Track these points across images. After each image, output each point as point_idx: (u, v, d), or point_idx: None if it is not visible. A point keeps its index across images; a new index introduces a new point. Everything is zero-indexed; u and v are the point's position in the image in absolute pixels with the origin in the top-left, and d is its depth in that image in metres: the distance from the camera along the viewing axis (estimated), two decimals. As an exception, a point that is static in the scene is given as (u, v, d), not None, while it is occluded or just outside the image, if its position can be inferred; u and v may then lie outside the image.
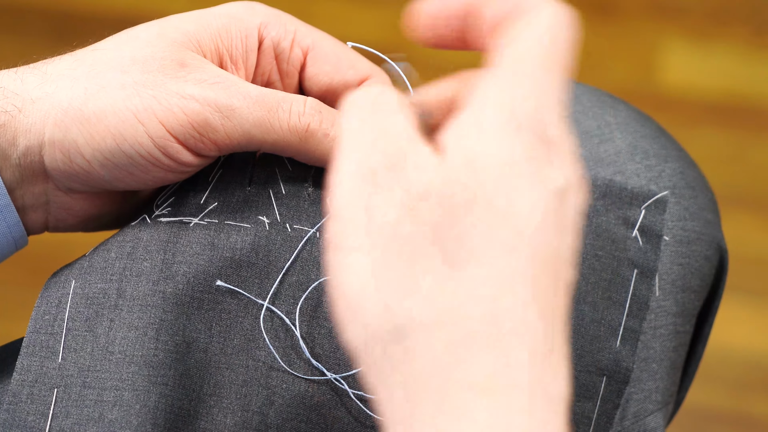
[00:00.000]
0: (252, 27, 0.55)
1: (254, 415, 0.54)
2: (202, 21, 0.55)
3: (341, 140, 0.41)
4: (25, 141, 0.53)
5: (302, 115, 0.53)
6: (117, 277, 0.55)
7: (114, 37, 0.55)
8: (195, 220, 0.56)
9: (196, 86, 0.52)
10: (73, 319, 0.55)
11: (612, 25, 1.65)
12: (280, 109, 0.53)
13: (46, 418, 0.54)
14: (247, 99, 0.53)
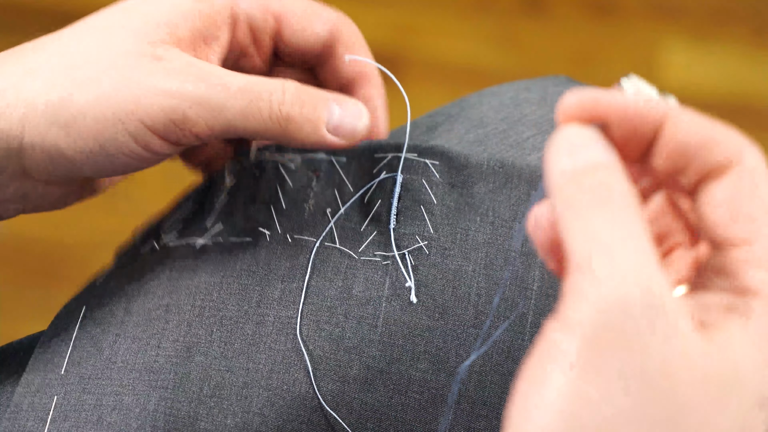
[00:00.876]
0: (221, 3, 0.55)
1: (255, 416, 0.54)
2: (169, 5, 0.54)
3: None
4: (3, 144, 0.52)
5: (282, 104, 0.53)
6: (125, 299, 0.57)
7: (81, 28, 0.53)
8: (200, 240, 0.58)
9: (173, 80, 0.51)
10: (80, 338, 0.56)
11: (612, 25, 1.65)
12: (260, 99, 0.52)
13: (45, 423, 0.54)
14: (226, 90, 0.52)
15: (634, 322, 0.33)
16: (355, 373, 0.55)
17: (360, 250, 0.56)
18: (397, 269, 0.56)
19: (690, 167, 0.38)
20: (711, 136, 0.38)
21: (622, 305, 0.34)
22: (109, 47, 0.52)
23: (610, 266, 0.34)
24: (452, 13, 1.64)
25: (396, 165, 0.57)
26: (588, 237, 0.35)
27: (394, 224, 0.57)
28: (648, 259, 0.34)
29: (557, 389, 0.34)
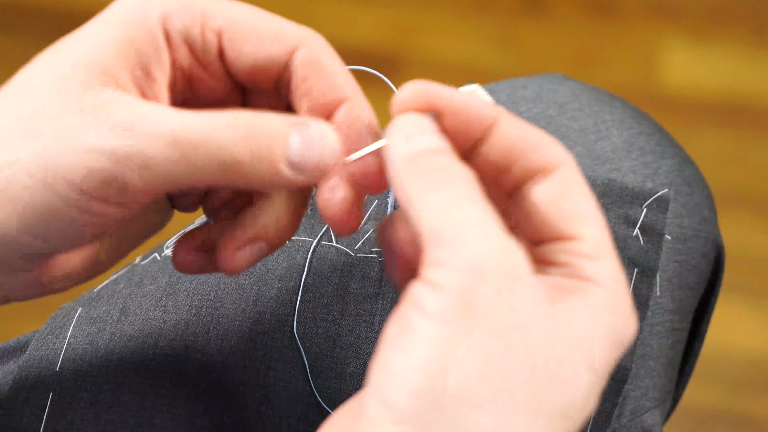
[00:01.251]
0: (154, 26, 0.46)
1: (252, 413, 0.55)
2: (100, 43, 0.46)
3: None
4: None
5: (232, 146, 0.44)
6: (122, 300, 0.57)
7: (10, 86, 0.45)
8: None
9: (99, 137, 0.43)
10: (75, 336, 0.56)
11: (612, 25, 1.65)
12: (199, 146, 0.44)
13: (41, 420, 0.54)
14: (162, 141, 0.43)
15: (494, 284, 0.37)
16: (351, 370, 0.55)
17: (356, 247, 0.57)
18: None
19: (515, 167, 0.42)
20: (537, 140, 0.42)
21: (483, 268, 0.37)
22: (38, 105, 0.44)
23: (465, 235, 0.37)
24: (452, 13, 1.64)
25: None
26: (437, 213, 0.38)
27: None
28: (496, 228, 0.38)
29: (424, 347, 0.37)
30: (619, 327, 0.39)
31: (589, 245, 0.40)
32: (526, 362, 0.37)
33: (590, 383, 0.38)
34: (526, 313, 0.37)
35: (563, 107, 0.62)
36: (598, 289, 0.40)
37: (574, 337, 0.38)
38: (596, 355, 0.38)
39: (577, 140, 0.61)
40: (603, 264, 0.40)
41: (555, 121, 0.62)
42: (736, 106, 1.59)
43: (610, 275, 0.40)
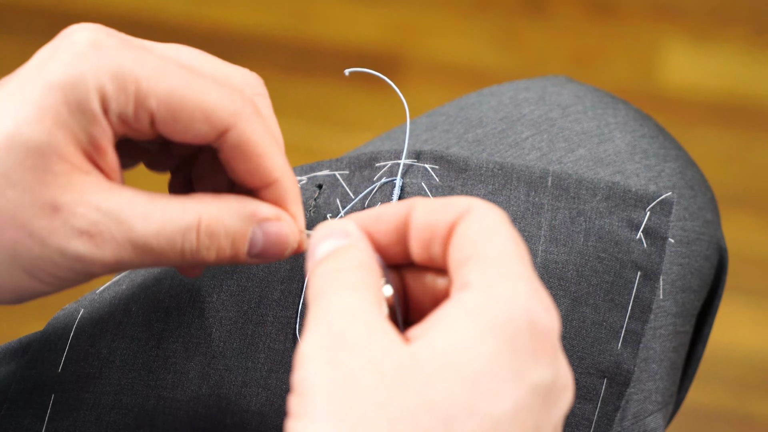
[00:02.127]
0: (95, 107, 0.46)
1: (254, 415, 0.54)
2: (50, 122, 0.46)
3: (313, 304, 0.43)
4: None
5: (196, 253, 0.48)
6: (125, 302, 0.57)
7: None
8: None
9: (77, 241, 0.46)
10: (77, 337, 0.56)
11: (612, 25, 1.65)
12: (171, 252, 0.47)
13: (43, 421, 0.54)
14: (135, 250, 0.47)
15: (346, 344, 0.41)
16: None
17: None
18: None
19: (435, 237, 0.45)
20: (443, 203, 0.45)
21: (330, 326, 0.41)
22: (4, 200, 0.46)
23: (332, 309, 0.42)
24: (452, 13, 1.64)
25: (396, 171, 0.58)
26: (320, 300, 0.43)
27: None
28: (363, 304, 0.42)
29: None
30: (502, 315, 0.40)
31: (467, 256, 0.43)
32: (379, 399, 0.39)
33: (460, 395, 0.39)
34: (380, 361, 0.40)
35: (566, 109, 0.62)
36: (471, 293, 0.41)
37: (431, 360, 0.40)
38: (464, 364, 0.40)
39: (580, 143, 0.61)
40: (483, 266, 0.42)
41: (558, 124, 0.62)
42: (736, 106, 1.59)
43: (487, 272, 0.42)
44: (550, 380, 0.41)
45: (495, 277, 0.42)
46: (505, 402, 0.40)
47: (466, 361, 0.40)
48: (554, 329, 0.41)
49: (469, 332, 0.40)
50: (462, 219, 0.44)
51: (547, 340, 0.41)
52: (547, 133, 0.61)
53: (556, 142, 0.61)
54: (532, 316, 0.41)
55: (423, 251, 0.45)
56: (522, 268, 0.42)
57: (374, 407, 0.39)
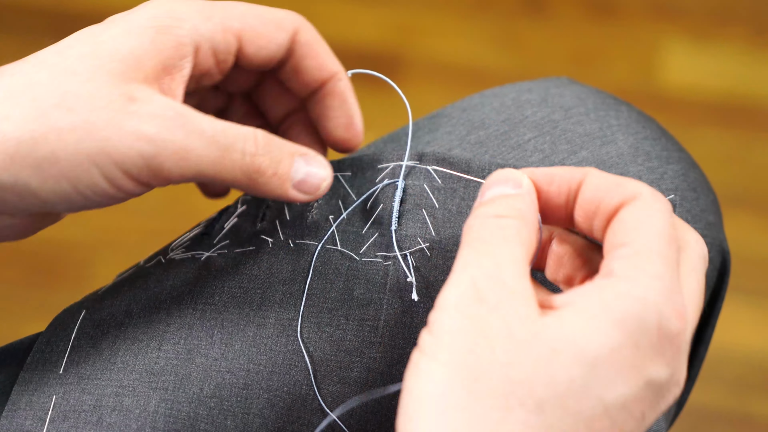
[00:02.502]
0: (182, 33, 0.53)
1: (255, 417, 0.54)
2: (134, 41, 0.52)
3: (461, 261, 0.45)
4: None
5: (254, 156, 0.52)
6: (126, 302, 0.57)
7: (47, 64, 0.51)
8: (206, 253, 0.58)
9: (150, 125, 0.50)
10: (79, 338, 0.56)
11: (612, 25, 1.65)
12: (233, 149, 0.52)
13: (44, 422, 0.54)
14: (202, 139, 0.51)
15: (486, 302, 0.44)
16: (356, 375, 0.55)
17: (361, 251, 0.56)
18: (398, 270, 0.56)
19: (600, 213, 0.47)
20: (616, 182, 0.48)
21: (474, 282, 0.44)
22: (82, 89, 0.50)
23: (481, 262, 0.45)
24: (452, 13, 1.64)
25: (398, 172, 0.57)
26: (472, 247, 0.46)
27: (396, 226, 0.57)
28: (510, 260, 0.45)
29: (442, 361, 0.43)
30: (633, 311, 0.43)
31: (628, 249, 0.45)
32: (504, 361, 0.42)
33: (578, 375, 0.42)
34: (513, 326, 0.43)
35: (569, 111, 0.62)
36: (612, 283, 0.44)
37: (559, 338, 0.43)
38: (588, 348, 0.42)
39: (582, 145, 0.61)
40: (630, 258, 0.45)
41: (560, 126, 0.62)
42: (736, 106, 1.59)
43: (631, 266, 0.44)
44: (666, 378, 0.44)
45: (636, 272, 0.44)
46: (618, 390, 0.43)
47: (590, 347, 0.42)
48: (682, 333, 0.44)
49: (599, 321, 0.43)
50: (627, 203, 0.46)
51: (672, 342, 0.44)
52: (549, 135, 0.61)
53: (559, 144, 0.61)
54: (662, 318, 0.43)
55: (586, 222, 0.48)
56: (664, 269, 0.44)
57: (498, 367, 0.42)
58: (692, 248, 0.48)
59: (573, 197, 0.49)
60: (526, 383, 0.42)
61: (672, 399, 0.45)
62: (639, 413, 0.43)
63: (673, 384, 0.45)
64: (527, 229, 0.47)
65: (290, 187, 0.54)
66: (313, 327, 0.55)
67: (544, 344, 0.43)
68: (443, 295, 0.44)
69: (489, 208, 0.47)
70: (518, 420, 0.42)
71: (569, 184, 0.49)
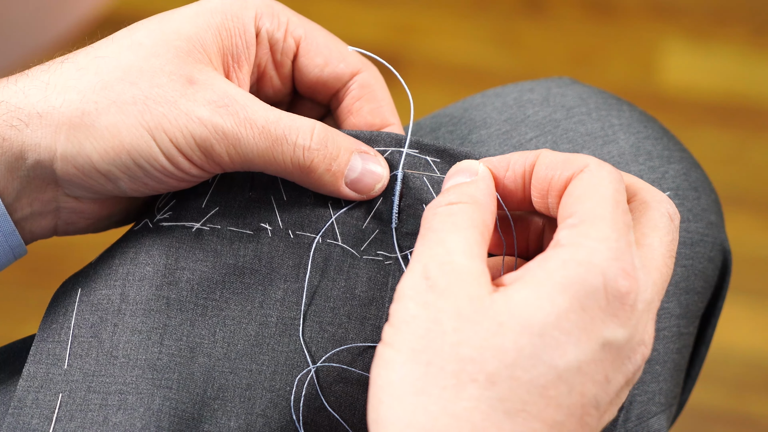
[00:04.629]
0: (248, 21, 0.55)
1: (258, 417, 0.54)
2: (201, 22, 0.54)
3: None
4: (34, 155, 0.52)
5: (307, 150, 0.53)
6: (120, 282, 0.56)
7: (114, 41, 0.54)
8: (197, 225, 0.56)
9: (205, 108, 0.52)
10: (79, 326, 0.55)
11: (612, 25, 1.65)
12: (285, 142, 0.53)
13: (50, 421, 0.54)
14: (254, 129, 0.52)
15: (436, 288, 0.45)
16: (358, 374, 0.55)
17: (362, 248, 0.56)
18: (400, 269, 0.56)
19: (552, 189, 0.49)
20: (565, 158, 0.49)
21: (426, 270, 0.46)
22: (145, 64, 0.52)
23: (432, 252, 0.47)
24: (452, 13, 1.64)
25: (397, 160, 0.57)
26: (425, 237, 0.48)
27: (396, 223, 0.56)
28: (461, 246, 0.46)
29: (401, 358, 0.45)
30: (576, 275, 0.44)
31: (574, 218, 0.47)
32: (454, 341, 0.44)
33: (526, 344, 0.43)
34: (462, 307, 0.45)
35: (570, 111, 0.62)
36: (557, 252, 0.45)
37: (506, 311, 0.44)
38: (534, 317, 0.44)
39: (584, 144, 0.61)
40: (575, 227, 0.46)
41: (562, 125, 0.62)
42: (736, 106, 1.59)
43: (575, 234, 0.46)
44: (624, 338, 0.44)
45: (580, 238, 0.45)
46: (570, 355, 0.43)
47: (536, 316, 0.44)
48: (632, 292, 0.44)
49: (544, 289, 0.44)
50: (575, 176, 0.48)
51: (623, 302, 0.44)
52: (551, 135, 0.61)
53: (561, 143, 0.61)
54: (608, 279, 0.44)
55: (541, 201, 0.50)
56: (609, 232, 0.45)
57: (448, 347, 0.44)
58: (654, 207, 0.49)
59: (528, 179, 0.50)
60: (476, 360, 0.43)
61: (640, 359, 0.45)
62: (601, 376, 0.44)
63: (637, 344, 0.45)
64: (480, 213, 0.48)
65: (343, 184, 0.55)
66: (315, 326, 0.55)
67: (491, 320, 0.44)
68: (399, 287, 0.46)
69: (442, 198, 0.49)
70: (471, 396, 0.43)
71: (524, 166, 0.50)
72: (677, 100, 1.59)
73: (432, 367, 0.44)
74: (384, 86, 0.57)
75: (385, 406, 0.44)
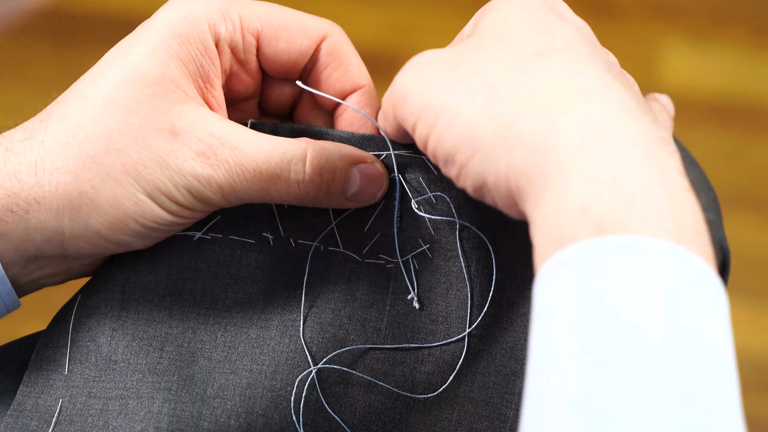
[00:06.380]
0: (204, 36, 0.54)
1: (258, 417, 0.54)
2: (162, 57, 0.53)
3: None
4: (41, 236, 0.52)
5: (302, 184, 0.53)
6: (119, 288, 0.56)
7: (85, 100, 0.52)
8: (199, 234, 0.57)
9: (195, 162, 0.51)
10: (76, 330, 0.55)
11: (612, 25, 1.65)
12: (278, 180, 0.52)
13: (50, 424, 0.54)
14: (245, 174, 0.52)
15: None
16: (357, 377, 0.55)
17: (364, 252, 0.56)
18: (401, 272, 0.56)
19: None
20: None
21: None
22: (126, 126, 0.51)
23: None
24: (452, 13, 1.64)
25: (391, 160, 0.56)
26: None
27: (398, 226, 0.56)
28: None
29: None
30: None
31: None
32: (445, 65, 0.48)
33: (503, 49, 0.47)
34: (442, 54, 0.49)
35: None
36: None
37: (477, 37, 0.49)
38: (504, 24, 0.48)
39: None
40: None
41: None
42: (736, 106, 1.59)
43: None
44: (581, 33, 0.48)
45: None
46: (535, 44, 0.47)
47: (501, 25, 0.48)
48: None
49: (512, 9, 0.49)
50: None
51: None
52: None
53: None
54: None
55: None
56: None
57: (444, 66, 0.48)
58: None
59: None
60: (461, 67, 0.47)
61: (612, 58, 0.51)
62: (587, 51, 0.47)
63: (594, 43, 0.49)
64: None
65: (344, 200, 0.55)
66: (316, 327, 0.55)
67: (472, 46, 0.48)
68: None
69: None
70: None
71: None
72: (677, 100, 1.58)
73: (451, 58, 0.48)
74: (350, 47, 0.56)
75: (408, 67, 0.49)
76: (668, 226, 0.41)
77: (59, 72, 1.44)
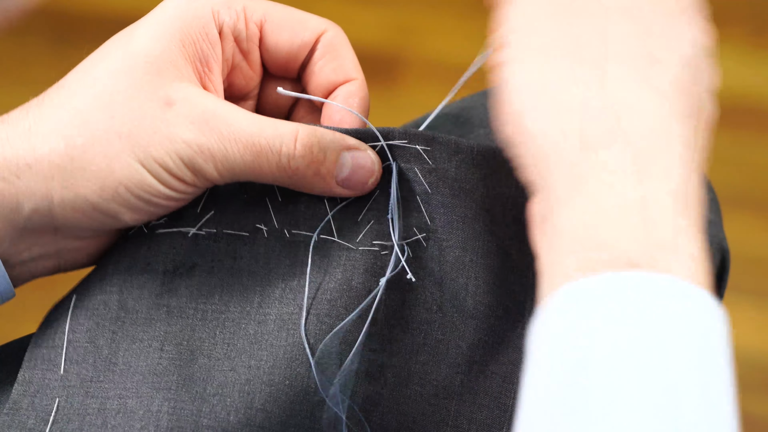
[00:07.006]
0: (208, 21, 0.55)
1: (258, 412, 0.54)
2: (164, 37, 0.54)
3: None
4: (30, 204, 0.52)
5: (292, 159, 0.53)
6: (117, 289, 0.56)
7: (86, 72, 0.54)
8: (193, 230, 0.57)
9: (187, 129, 0.52)
10: (74, 331, 0.55)
11: (612, 25, 1.64)
12: (269, 152, 0.53)
13: (47, 423, 0.54)
14: (238, 144, 0.52)
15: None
16: (356, 365, 0.55)
17: (358, 240, 0.56)
18: (396, 259, 0.56)
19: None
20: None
21: None
22: (121, 95, 0.53)
23: None
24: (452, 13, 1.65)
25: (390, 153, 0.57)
26: None
27: (394, 214, 0.56)
28: None
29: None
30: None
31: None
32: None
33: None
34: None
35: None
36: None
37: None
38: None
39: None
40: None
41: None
42: (736, 106, 1.59)
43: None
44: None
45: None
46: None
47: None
48: None
49: None
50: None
51: None
52: None
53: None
54: None
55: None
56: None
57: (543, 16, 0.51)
58: None
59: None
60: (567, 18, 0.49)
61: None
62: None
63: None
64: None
65: (335, 184, 0.55)
66: (313, 319, 0.55)
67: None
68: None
69: None
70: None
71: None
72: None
73: None
74: (347, 43, 0.58)
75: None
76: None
77: (59, 72, 1.44)
